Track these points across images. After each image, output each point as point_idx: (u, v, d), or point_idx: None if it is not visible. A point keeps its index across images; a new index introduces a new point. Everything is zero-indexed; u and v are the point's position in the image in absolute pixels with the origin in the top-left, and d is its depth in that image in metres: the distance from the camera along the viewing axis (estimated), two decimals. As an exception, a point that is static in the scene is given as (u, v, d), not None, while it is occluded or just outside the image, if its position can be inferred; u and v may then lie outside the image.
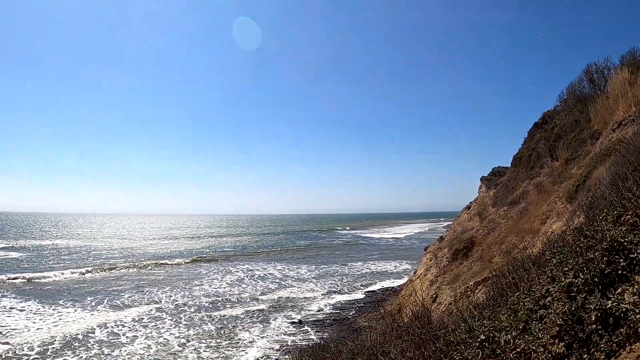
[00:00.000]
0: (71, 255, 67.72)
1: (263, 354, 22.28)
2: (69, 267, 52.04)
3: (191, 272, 50.08)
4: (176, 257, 64.85)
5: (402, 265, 54.30)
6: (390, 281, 42.97)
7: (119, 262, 58.77)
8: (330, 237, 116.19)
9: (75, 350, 22.51)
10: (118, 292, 37.44)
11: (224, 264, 58.12)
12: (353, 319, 28.53)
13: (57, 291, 37.64)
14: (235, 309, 32.17)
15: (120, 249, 78.70)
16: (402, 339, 6.25)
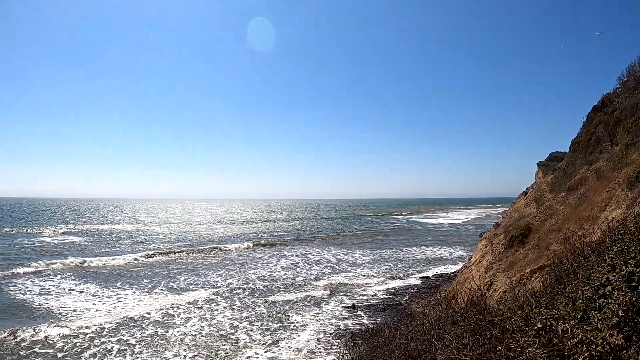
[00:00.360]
0: (128, 239, 70.34)
1: (315, 337, 22.60)
2: (126, 251, 54.17)
3: (246, 256, 51.09)
4: (231, 242, 66.19)
5: (456, 252, 53.73)
6: (445, 267, 42.62)
7: (175, 246, 60.64)
8: (385, 222, 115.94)
9: (130, 330, 23.57)
10: (174, 276, 38.64)
11: (279, 248, 59.00)
12: (406, 304, 28.53)
13: (115, 274, 39.28)
14: (289, 292, 32.67)
15: (176, 233, 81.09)
16: (458, 325, 6.26)
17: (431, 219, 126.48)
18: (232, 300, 30.20)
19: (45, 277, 37.04)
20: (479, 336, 5.49)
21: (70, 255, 50.59)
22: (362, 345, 8.31)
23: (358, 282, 36.45)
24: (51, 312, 26.82)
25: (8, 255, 48.55)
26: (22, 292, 31.99)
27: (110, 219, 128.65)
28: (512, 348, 5.05)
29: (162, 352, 20.46)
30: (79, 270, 40.71)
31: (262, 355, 20.21)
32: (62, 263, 43.50)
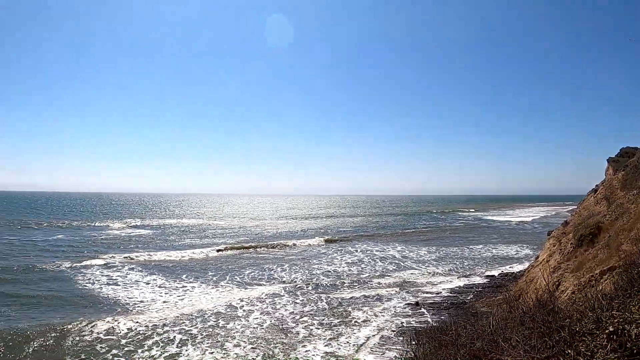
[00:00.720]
0: (194, 233, 72.65)
1: (377, 333, 22.60)
2: (192, 245, 55.96)
3: (310, 252, 51.67)
4: (296, 237, 67.19)
5: (523, 250, 52.33)
6: (511, 266, 41.61)
7: (240, 240, 62.15)
8: (450, 219, 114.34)
9: (193, 321, 24.43)
10: (239, 269, 39.58)
11: (343, 244, 59.24)
12: (471, 303, 28.08)
13: (181, 267, 40.71)
14: (353, 288, 32.80)
15: (241, 228, 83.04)
16: (525, 325, 6.17)
17: (498, 216, 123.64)
18: (294, 294, 30.63)
19: (113, 268, 38.89)
20: (547, 338, 5.41)
21: (138, 248, 52.91)
22: (426, 343, 8.31)
23: (422, 279, 36.15)
24: (118, 303, 28.18)
25: (78, 248, 51.54)
26: (91, 282, 33.77)
27: (176, 213, 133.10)
28: (582, 352, 4.96)
29: (223, 343, 21.08)
30: (146, 263, 42.37)
31: (320, 349, 20.41)
32: (130, 255, 45.55)
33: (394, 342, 21.32)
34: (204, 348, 20.47)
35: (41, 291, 30.26)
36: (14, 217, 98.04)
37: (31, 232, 68.92)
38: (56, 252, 47.29)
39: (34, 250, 48.63)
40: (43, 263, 39.90)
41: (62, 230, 72.71)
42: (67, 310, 26.04)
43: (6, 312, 25.18)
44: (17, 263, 39.58)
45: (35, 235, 63.09)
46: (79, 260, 41.48)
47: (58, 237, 62.66)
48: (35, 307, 26.54)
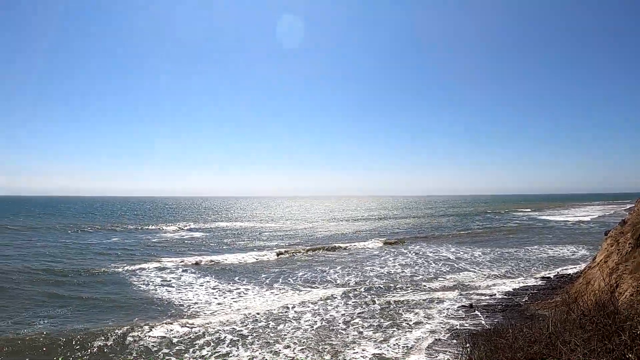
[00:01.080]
0: (247, 236, 73.60)
1: (428, 336, 22.44)
2: (245, 248, 56.67)
3: (363, 253, 51.76)
4: (348, 239, 67.26)
5: (579, 251, 50.86)
6: (567, 267, 40.51)
7: (293, 243, 62.54)
8: (505, 220, 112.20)
9: (244, 321, 24.93)
10: (291, 271, 39.99)
11: (396, 245, 58.89)
12: (525, 305, 27.51)
13: (234, 270, 41.20)
14: (406, 290, 32.63)
15: (292, 230, 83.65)
16: (584, 328, 6.10)
17: (553, 216, 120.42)
18: (347, 296, 30.69)
19: (167, 271, 39.74)
20: (607, 342, 5.34)
21: (192, 250, 54.12)
22: (482, 346, 8.27)
23: (476, 281, 35.62)
24: (172, 304, 28.84)
25: (133, 251, 53.15)
26: (146, 284, 34.68)
27: (228, 216, 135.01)
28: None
29: (273, 344, 21.37)
30: (200, 266, 43.12)
31: (369, 351, 20.43)
32: (184, 258, 46.42)
33: (448, 344, 21.14)
34: (254, 348, 20.85)
35: (97, 293, 31.25)
36: (69, 221, 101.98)
37: (87, 235, 71.56)
38: (111, 255, 48.72)
39: (89, 253, 50.29)
40: (99, 266, 41.12)
41: (117, 234, 75.14)
42: (122, 312, 26.78)
43: (64, 314, 26.11)
44: (74, 266, 40.85)
45: (90, 239, 65.40)
46: (133, 263, 42.66)
47: (113, 240, 64.85)
48: (92, 309, 27.39)
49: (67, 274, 37.46)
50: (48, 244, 57.66)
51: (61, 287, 32.88)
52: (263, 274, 38.83)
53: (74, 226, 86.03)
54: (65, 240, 61.89)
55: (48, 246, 54.94)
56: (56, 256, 47.07)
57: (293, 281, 36.20)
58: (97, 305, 28.41)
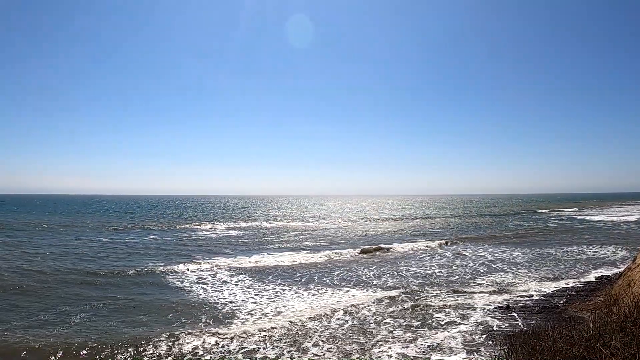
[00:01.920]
0: (285, 235, 73.78)
1: (462, 337, 22.24)
2: (281, 248, 56.82)
3: (399, 253, 51.44)
4: (381, 238, 67.02)
5: (619, 252, 49.61)
6: (606, 269, 39.60)
7: (329, 242, 62.51)
8: (544, 219, 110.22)
9: (272, 318, 25.52)
10: (327, 271, 39.97)
11: (434, 246, 58.20)
12: (564, 307, 26.99)
13: (271, 270, 40.88)
14: (442, 290, 32.37)
15: (329, 230, 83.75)
16: (625, 332, 5.98)
17: (593, 216, 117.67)
18: (382, 294, 30.64)
19: (204, 271, 39.85)
20: (649, 346, 5.23)
21: (229, 250, 54.27)
22: (520, 348, 8.17)
23: (514, 281, 35.12)
24: (207, 304, 29.10)
25: (169, 250, 53.30)
26: (182, 282, 35.16)
27: (264, 215, 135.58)
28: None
29: (301, 342, 21.55)
30: (237, 266, 42.97)
31: (395, 350, 20.43)
32: (221, 258, 46.59)
33: (484, 345, 20.93)
34: (282, 347, 21.05)
35: (131, 295, 31.12)
36: (103, 219, 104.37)
37: (121, 234, 72.53)
38: (146, 255, 48.86)
39: (123, 252, 50.66)
40: (134, 266, 41.25)
41: (152, 232, 76.31)
42: (157, 315, 26.50)
43: (91, 317, 25.68)
44: (106, 266, 40.88)
45: (124, 238, 66.41)
46: (169, 263, 42.54)
47: (148, 238, 65.78)
48: (126, 311, 27.08)
49: (100, 273, 37.47)
50: (82, 242, 58.59)
51: (93, 288, 32.77)
52: (298, 273, 38.99)
53: (108, 224, 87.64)
54: (99, 239, 63.13)
55: (82, 245, 55.83)
56: (90, 255, 47.54)
57: (329, 281, 36.27)
58: (130, 306, 27.95)
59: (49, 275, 36.41)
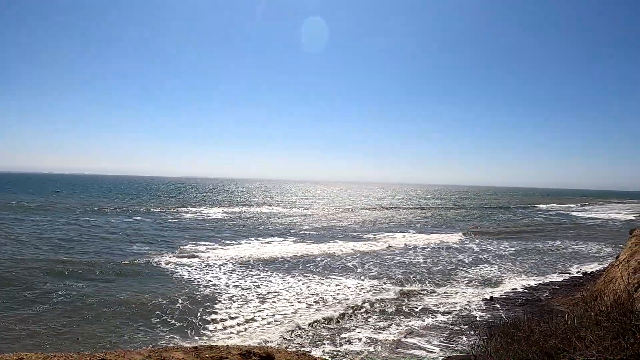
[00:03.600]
0: (266, 221, 73.77)
1: (446, 328, 22.57)
2: (282, 234, 56.68)
3: (384, 243, 51.59)
4: (368, 228, 67.31)
5: (603, 249, 50.21)
6: (589, 265, 40.11)
7: (328, 232, 62.63)
8: (530, 213, 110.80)
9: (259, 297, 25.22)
10: (307, 260, 39.99)
11: (417, 236, 58.32)
12: (546, 300, 27.42)
13: (264, 261, 40.19)
14: (424, 281, 32.69)
15: (328, 218, 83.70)
16: (601, 325, 6.17)
17: (579, 212, 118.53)
18: (362, 285, 30.93)
19: (196, 261, 38.43)
20: (622, 340, 5.42)
21: (214, 236, 52.94)
22: (499, 337, 8.39)
23: (498, 274, 35.52)
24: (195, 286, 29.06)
25: (155, 237, 49.23)
26: (173, 271, 33.74)
27: (259, 200, 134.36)
28: (657, 356, 4.97)
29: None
30: (228, 256, 42.17)
31: (363, 336, 20.83)
32: (207, 247, 44.27)
33: (466, 334, 21.29)
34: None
35: (115, 289, 27.21)
36: (88, 200, 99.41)
37: (105, 217, 67.06)
38: (128, 242, 44.20)
39: (106, 238, 46.35)
40: (120, 254, 37.42)
41: (137, 215, 72.61)
42: (141, 318, 22.36)
43: (49, 312, 22.22)
44: (85, 255, 36.19)
45: (108, 221, 61.79)
46: (161, 252, 39.02)
47: (133, 222, 61.54)
48: (89, 312, 22.55)
49: (77, 263, 32.78)
50: (62, 226, 52.83)
51: (52, 278, 28.29)
52: (284, 266, 39.13)
53: (93, 206, 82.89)
54: (80, 222, 57.61)
55: (60, 229, 49.93)
56: (69, 241, 42.71)
57: (313, 267, 36.54)
58: (112, 303, 24.03)
59: (19, 264, 31.61)
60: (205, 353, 8.78)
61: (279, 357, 8.77)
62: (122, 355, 8.22)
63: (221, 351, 9.01)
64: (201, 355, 8.59)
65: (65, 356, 7.89)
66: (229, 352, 8.96)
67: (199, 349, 9.08)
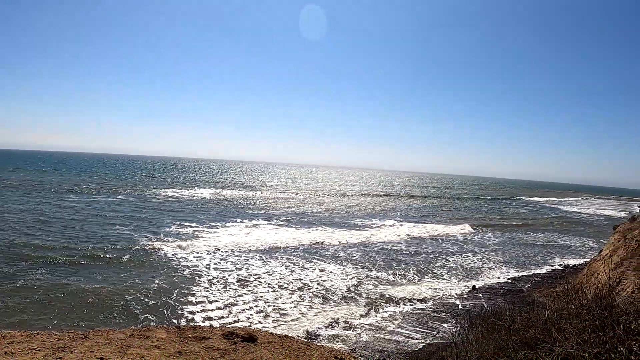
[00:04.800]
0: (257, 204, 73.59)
1: (427, 315, 22.80)
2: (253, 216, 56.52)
3: (367, 229, 51.78)
4: (354, 213, 67.42)
5: (588, 243, 50.77)
6: (572, 258, 40.56)
7: (314, 217, 62.65)
8: (516, 205, 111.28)
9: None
10: (293, 246, 40.04)
11: (405, 223, 58.45)
12: (528, 292, 27.73)
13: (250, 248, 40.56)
14: (407, 267, 32.89)
15: (315, 204, 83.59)
16: (581, 318, 6.24)
17: (564, 206, 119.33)
18: (345, 270, 31.09)
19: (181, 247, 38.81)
20: (601, 333, 5.48)
21: (201, 217, 53.73)
22: (479, 326, 8.47)
23: (482, 264, 35.79)
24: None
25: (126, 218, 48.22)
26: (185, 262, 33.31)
27: (246, 182, 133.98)
28: (634, 351, 5.03)
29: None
30: (203, 239, 42.75)
31: (342, 321, 21.08)
32: (190, 228, 46.00)
33: (448, 322, 21.52)
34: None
35: (92, 273, 25.71)
36: (68, 178, 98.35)
37: (93, 196, 64.69)
38: (116, 224, 41.69)
39: (89, 217, 44.01)
40: (101, 236, 35.37)
41: (121, 195, 71.38)
42: (117, 302, 21.37)
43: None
44: (54, 239, 33.31)
45: (93, 199, 60.73)
46: (143, 235, 37.31)
47: (110, 204, 60.20)
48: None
49: (53, 248, 30.34)
50: (39, 205, 49.17)
51: (41, 267, 25.88)
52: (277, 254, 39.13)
53: (75, 185, 78.76)
54: (54, 201, 54.17)
55: (38, 209, 45.94)
56: (45, 223, 39.29)
57: (297, 254, 36.62)
58: (81, 291, 22.50)
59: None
60: (188, 332, 8.79)
61: (262, 338, 8.80)
62: (105, 333, 8.21)
63: (204, 331, 9.02)
64: (184, 335, 8.60)
65: (49, 334, 7.86)
66: (212, 332, 8.97)
67: (182, 329, 9.09)
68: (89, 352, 7.12)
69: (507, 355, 6.12)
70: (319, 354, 8.26)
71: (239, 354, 7.82)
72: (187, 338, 8.44)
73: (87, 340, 7.72)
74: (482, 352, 6.74)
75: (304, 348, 8.60)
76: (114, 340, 7.86)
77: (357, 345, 18.12)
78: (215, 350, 7.93)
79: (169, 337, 8.43)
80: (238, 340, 8.51)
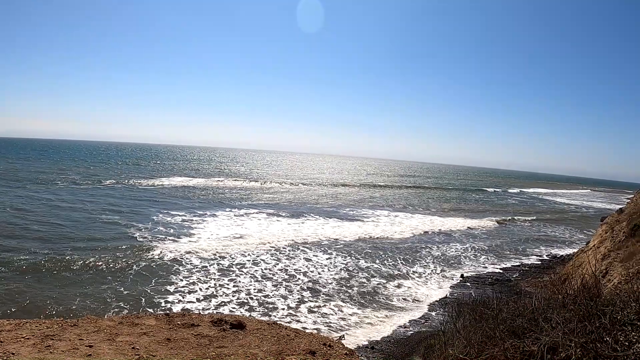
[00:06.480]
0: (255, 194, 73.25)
1: (419, 302, 22.97)
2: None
3: (360, 219, 51.75)
4: (343, 204, 67.39)
5: (575, 234, 51.12)
6: (560, 249, 40.88)
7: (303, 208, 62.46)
8: (504, 195, 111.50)
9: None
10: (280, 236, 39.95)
11: (397, 213, 58.28)
12: (515, 281, 27.98)
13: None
14: (397, 258, 32.97)
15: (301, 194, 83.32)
16: (567, 308, 6.30)
17: (553, 197, 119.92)
18: (333, 259, 31.21)
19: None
20: (587, 323, 5.53)
21: (185, 204, 53.24)
22: (467, 314, 8.52)
23: (471, 254, 35.97)
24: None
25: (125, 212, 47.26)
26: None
27: (235, 170, 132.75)
28: (620, 341, 5.08)
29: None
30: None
31: (337, 310, 21.13)
32: (184, 215, 45.43)
33: (436, 311, 21.69)
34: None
35: (78, 258, 24.67)
36: (56, 166, 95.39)
37: (79, 185, 62.08)
38: (103, 213, 39.82)
39: (75, 205, 42.82)
40: (87, 225, 34.19)
41: (120, 184, 71.80)
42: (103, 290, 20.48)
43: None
44: (52, 225, 32.79)
45: (79, 189, 59.22)
46: (132, 224, 36.38)
47: (113, 191, 60.37)
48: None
49: (37, 238, 29.07)
50: (19, 197, 44.86)
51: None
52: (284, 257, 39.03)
53: (63, 173, 75.91)
54: (36, 194, 49.41)
55: (21, 198, 43.73)
56: (27, 211, 37.82)
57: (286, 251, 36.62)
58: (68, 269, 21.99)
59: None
60: (177, 320, 8.79)
61: (250, 325, 8.82)
62: (94, 321, 8.19)
63: (193, 318, 9.03)
64: (173, 322, 8.60)
65: (38, 322, 7.85)
66: (200, 319, 8.98)
67: (171, 316, 9.09)
68: (78, 339, 7.12)
69: (494, 344, 6.17)
70: (307, 340, 8.29)
71: (227, 341, 7.84)
72: (176, 325, 8.45)
73: (76, 328, 7.72)
74: (470, 340, 6.80)
75: (293, 335, 8.63)
76: (103, 328, 7.87)
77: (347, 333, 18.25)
78: (204, 337, 7.95)
79: (157, 324, 8.44)
80: (227, 327, 8.52)
